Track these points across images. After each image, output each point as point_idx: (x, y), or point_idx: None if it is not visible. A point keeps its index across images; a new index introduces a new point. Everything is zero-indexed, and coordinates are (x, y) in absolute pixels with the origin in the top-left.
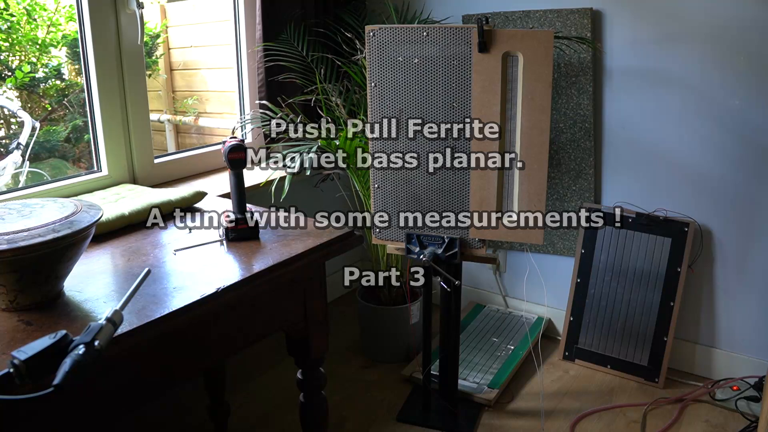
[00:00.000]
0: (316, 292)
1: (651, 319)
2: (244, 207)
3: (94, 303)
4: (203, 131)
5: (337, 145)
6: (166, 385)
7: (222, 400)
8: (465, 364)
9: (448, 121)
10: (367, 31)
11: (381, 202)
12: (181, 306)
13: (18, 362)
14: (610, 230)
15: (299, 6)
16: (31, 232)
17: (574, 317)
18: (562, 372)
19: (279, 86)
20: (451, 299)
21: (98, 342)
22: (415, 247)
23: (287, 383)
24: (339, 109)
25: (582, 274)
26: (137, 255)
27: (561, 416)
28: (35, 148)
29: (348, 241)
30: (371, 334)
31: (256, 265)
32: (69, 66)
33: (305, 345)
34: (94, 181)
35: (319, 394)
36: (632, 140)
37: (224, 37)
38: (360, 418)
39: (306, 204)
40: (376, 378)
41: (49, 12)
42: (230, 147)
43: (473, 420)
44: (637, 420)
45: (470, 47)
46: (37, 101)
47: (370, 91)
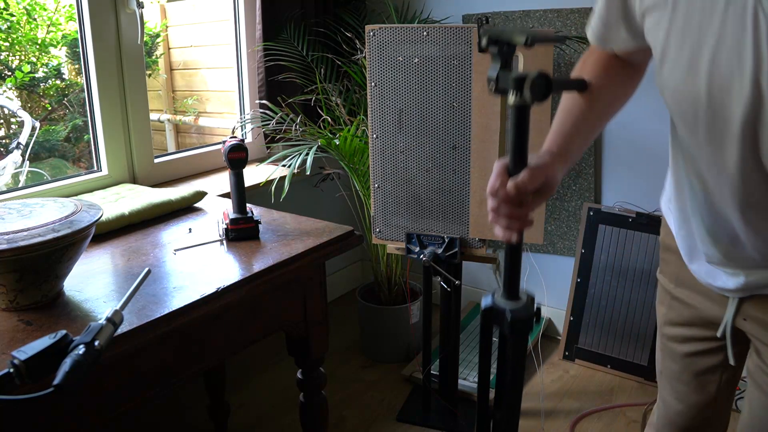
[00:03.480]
0: (316, 292)
1: (651, 319)
2: (244, 207)
3: (94, 303)
4: (203, 131)
5: (337, 145)
6: (166, 385)
7: (222, 400)
8: (465, 364)
9: (448, 121)
10: (367, 31)
11: (381, 202)
12: (181, 306)
13: (18, 362)
14: (610, 230)
15: (299, 6)
16: (30, 231)
17: (574, 317)
18: (562, 372)
19: (279, 86)
20: (451, 299)
21: (98, 342)
22: (415, 247)
23: (287, 383)
24: (339, 109)
25: (582, 274)
26: (137, 255)
27: (561, 416)
28: (35, 147)
29: (348, 241)
30: (371, 334)
31: (256, 265)
32: (69, 66)
33: (305, 345)
34: (94, 181)
35: (319, 394)
36: (632, 140)
37: (224, 37)
38: (360, 418)
39: (306, 204)
40: (376, 378)
41: (49, 12)
42: (230, 147)
43: (473, 420)
44: (637, 420)
45: (470, 47)
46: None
47: (370, 91)
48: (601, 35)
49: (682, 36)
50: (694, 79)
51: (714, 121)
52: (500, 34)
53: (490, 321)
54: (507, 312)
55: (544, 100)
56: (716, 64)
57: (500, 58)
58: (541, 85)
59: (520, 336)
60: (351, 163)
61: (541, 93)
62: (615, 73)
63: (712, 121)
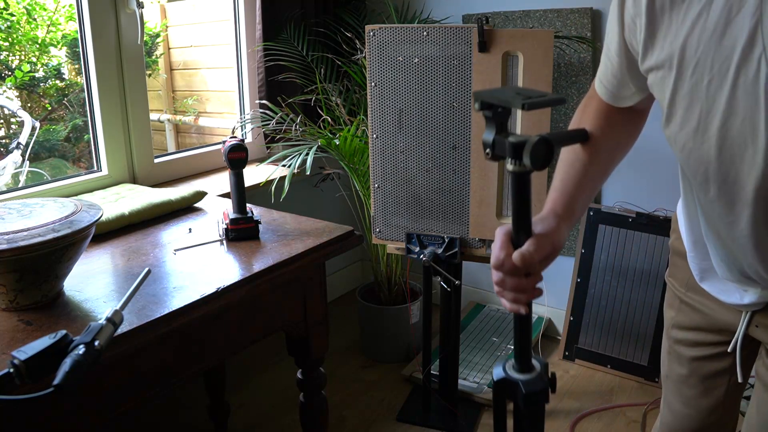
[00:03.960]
0: (316, 292)
1: (651, 319)
2: (244, 207)
3: (94, 303)
4: (203, 131)
5: (337, 145)
6: (166, 385)
7: (222, 400)
8: (465, 364)
9: (448, 121)
10: (367, 31)
11: (381, 202)
12: (181, 306)
13: (18, 362)
14: (610, 230)
15: (299, 6)
16: (30, 231)
17: (574, 317)
18: (562, 372)
19: (279, 86)
20: (451, 299)
21: (98, 342)
22: (415, 247)
23: (287, 383)
24: (339, 109)
25: (582, 274)
26: (137, 255)
27: (561, 416)
28: (35, 147)
29: (348, 241)
30: (371, 334)
31: (256, 265)
32: (69, 65)
33: (305, 345)
34: (94, 181)
35: (319, 394)
36: None
37: (224, 37)
38: (360, 418)
39: (306, 204)
40: (376, 378)
41: (49, 12)
42: (230, 147)
43: (473, 420)
44: (637, 420)
45: (470, 47)
46: (37, 101)
47: (370, 91)
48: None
49: (690, 99)
50: (704, 142)
51: (725, 184)
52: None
53: (503, 394)
54: (520, 385)
55: (545, 168)
56: (728, 131)
57: (494, 123)
58: (542, 150)
59: (536, 409)
60: (351, 163)
61: (541, 160)
62: (617, 122)
63: (724, 183)
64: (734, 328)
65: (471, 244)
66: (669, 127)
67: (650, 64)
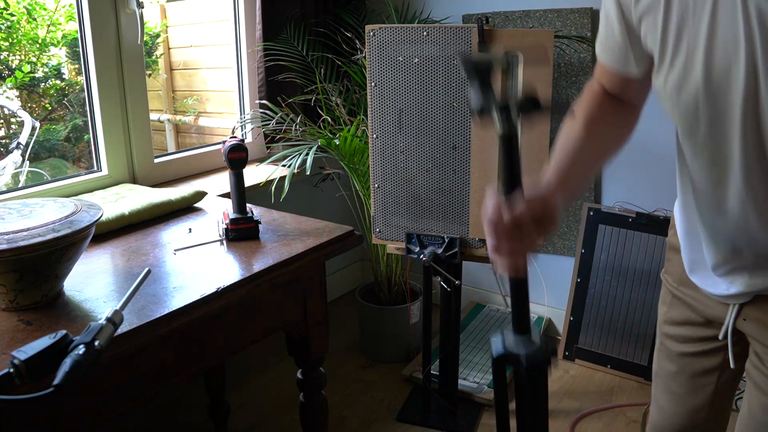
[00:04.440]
0: (316, 292)
1: (651, 319)
2: (244, 207)
3: (94, 303)
4: (203, 131)
5: (337, 145)
6: (166, 385)
7: (222, 400)
8: (465, 364)
9: (448, 121)
10: (367, 31)
11: (381, 202)
12: (181, 306)
13: (18, 362)
14: (610, 230)
15: (299, 5)
16: (30, 231)
17: (574, 317)
18: (562, 372)
19: (279, 86)
20: (451, 299)
21: (98, 342)
22: (415, 247)
23: (287, 383)
24: (339, 109)
25: (582, 274)
26: (137, 255)
27: (561, 416)
28: (35, 147)
29: (348, 241)
30: (371, 334)
31: (256, 265)
32: (69, 65)
33: (305, 345)
34: (94, 181)
35: (319, 394)
36: (632, 140)
37: (224, 37)
38: (360, 418)
39: (306, 204)
40: (376, 378)
41: (49, 11)
42: (230, 147)
43: (473, 420)
44: (637, 420)
45: (470, 47)
46: (37, 101)
47: (370, 91)
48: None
49: (677, 32)
50: (693, 71)
51: (714, 111)
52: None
53: (503, 371)
54: (522, 357)
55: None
56: (713, 51)
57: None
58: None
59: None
60: (351, 163)
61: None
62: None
63: (713, 111)
64: (723, 321)
65: (471, 244)
66: (661, 69)
67: (641, 9)
